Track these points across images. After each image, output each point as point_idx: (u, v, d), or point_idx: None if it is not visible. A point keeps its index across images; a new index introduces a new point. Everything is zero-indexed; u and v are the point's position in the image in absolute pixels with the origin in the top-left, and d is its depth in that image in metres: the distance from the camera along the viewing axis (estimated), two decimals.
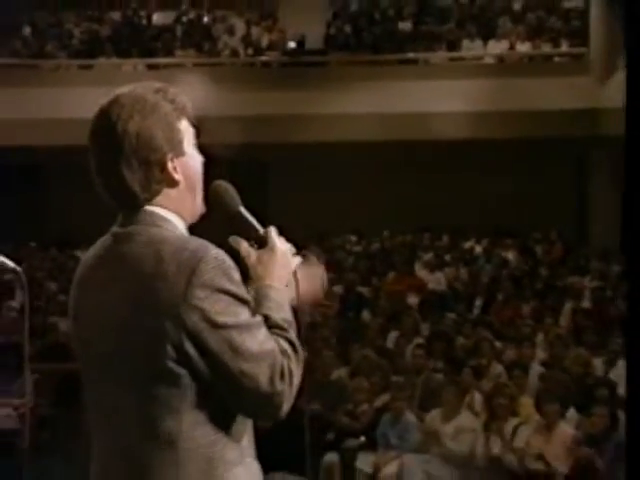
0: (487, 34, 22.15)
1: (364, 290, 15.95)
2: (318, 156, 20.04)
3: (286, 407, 2.51)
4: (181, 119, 2.64)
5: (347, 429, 9.34)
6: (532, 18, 22.48)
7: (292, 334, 2.59)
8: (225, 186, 2.77)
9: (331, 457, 8.99)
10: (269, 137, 19.85)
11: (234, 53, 22.83)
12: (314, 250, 2.81)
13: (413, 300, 15.22)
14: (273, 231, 2.77)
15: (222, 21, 23.53)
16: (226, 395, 2.51)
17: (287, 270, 2.74)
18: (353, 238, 21.40)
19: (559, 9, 22.49)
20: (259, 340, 2.48)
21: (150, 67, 21.09)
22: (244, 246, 2.78)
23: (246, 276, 2.70)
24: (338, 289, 15.66)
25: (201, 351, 2.43)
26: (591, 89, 19.97)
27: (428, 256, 18.79)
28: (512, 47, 21.75)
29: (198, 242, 2.51)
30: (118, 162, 2.55)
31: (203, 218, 2.72)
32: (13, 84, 20.75)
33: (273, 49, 22.79)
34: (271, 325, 2.55)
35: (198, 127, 2.72)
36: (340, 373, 10.40)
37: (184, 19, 23.70)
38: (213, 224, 2.74)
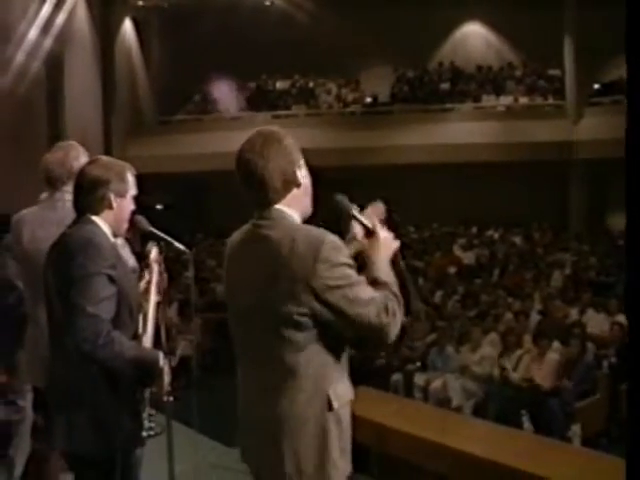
0: (499, 91, 21.88)
1: (419, 264, 15.92)
2: (388, 173, 20.04)
3: (392, 336, 2.52)
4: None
5: (408, 358, 9.38)
6: (528, 81, 22.20)
7: (394, 288, 2.58)
8: (342, 197, 2.74)
9: (397, 376, 9.03)
10: (355, 161, 19.87)
11: (330, 106, 22.87)
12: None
13: (452, 270, 15.18)
14: (378, 224, 2.74)
15: (322, 85, 23.52)
16: (348, 334, 2.53)
17: (389, 251, 2.71)
18: (412, 228, 21.35)
19: (546, 75, 22.20)
20: (366, 291, 2.49)
21: (274, 117, 21.19)
22: (359, 237, 2.76)
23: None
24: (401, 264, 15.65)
25: (327, 306, 2.44)
26: (568, 128, 19.78)
27: (462, 241, 18.68)
28: (516, 100, 21.45)
29: (319, 230, 2.52)
30: (264, 172, 2.55)
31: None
32: (187, 132, 21.14)
33: (356, 103, 22.74)
34: (380, 282, 2.55)
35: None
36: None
37: (297, 85, 23.79)
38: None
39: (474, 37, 23.98)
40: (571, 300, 10.83)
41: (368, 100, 22.77)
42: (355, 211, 2.75)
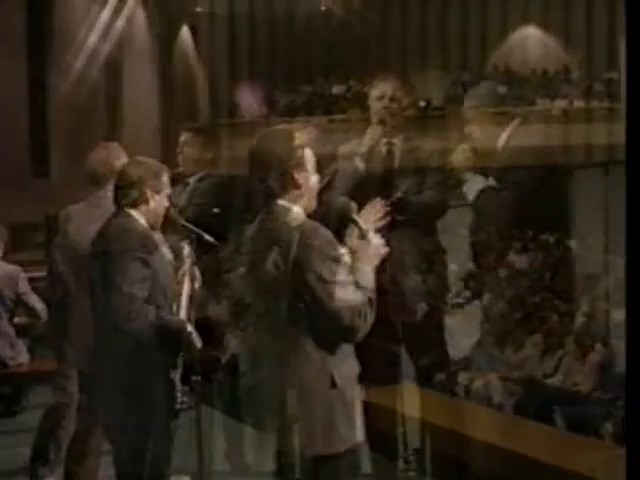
0: (554, 95, 21.85)
1: (471, 267, 15.84)
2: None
3: (359, 337, 2.73)
4: (305, 149, 2.87)
5: (451, 358, 9.45)
6: (584, 84, 22.11)
7: (370, 294, 2.76)
8: (347, 200, 3.02)
9: (440, 376, 9.13)
10: None
11: None
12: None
13: (503, 273, 15.12)
14: (371, 231, 2.91)
15: None
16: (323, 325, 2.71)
17: (376, 258, 2.89)
18: (465, 231, 21.21)
19: (602, 79, 22.07)
20: (348, 292, 2.68)
21: (330, 121, 21.33)
22: (354, 238, 2.90)
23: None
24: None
25: (313, 295, 2.65)
26: (624, 131, 19.59)
27: (517, 245, 18.56)
28: (571, 103, 21.39)
29: (313, 224, 2.76)
30: (266, 172, 2.83)
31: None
32: (242, 135, 21.38)
33: (410, 107, 22.83)
34: (360, 286, 2.73)
35: (316, 156, 2.92)
36: None
37: (351, 89, 23.97)
38: None
39: (529, 40, 23.88)
40: (617, 302, 10.79)
41: (421, 104, 22.79)
42: (354, 214, 2.93)
